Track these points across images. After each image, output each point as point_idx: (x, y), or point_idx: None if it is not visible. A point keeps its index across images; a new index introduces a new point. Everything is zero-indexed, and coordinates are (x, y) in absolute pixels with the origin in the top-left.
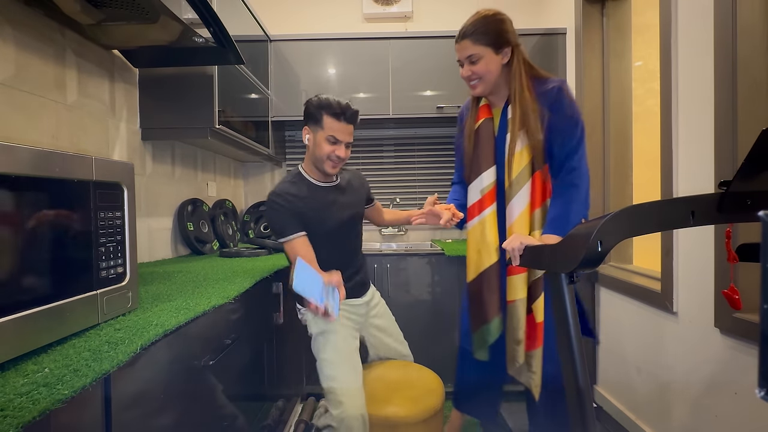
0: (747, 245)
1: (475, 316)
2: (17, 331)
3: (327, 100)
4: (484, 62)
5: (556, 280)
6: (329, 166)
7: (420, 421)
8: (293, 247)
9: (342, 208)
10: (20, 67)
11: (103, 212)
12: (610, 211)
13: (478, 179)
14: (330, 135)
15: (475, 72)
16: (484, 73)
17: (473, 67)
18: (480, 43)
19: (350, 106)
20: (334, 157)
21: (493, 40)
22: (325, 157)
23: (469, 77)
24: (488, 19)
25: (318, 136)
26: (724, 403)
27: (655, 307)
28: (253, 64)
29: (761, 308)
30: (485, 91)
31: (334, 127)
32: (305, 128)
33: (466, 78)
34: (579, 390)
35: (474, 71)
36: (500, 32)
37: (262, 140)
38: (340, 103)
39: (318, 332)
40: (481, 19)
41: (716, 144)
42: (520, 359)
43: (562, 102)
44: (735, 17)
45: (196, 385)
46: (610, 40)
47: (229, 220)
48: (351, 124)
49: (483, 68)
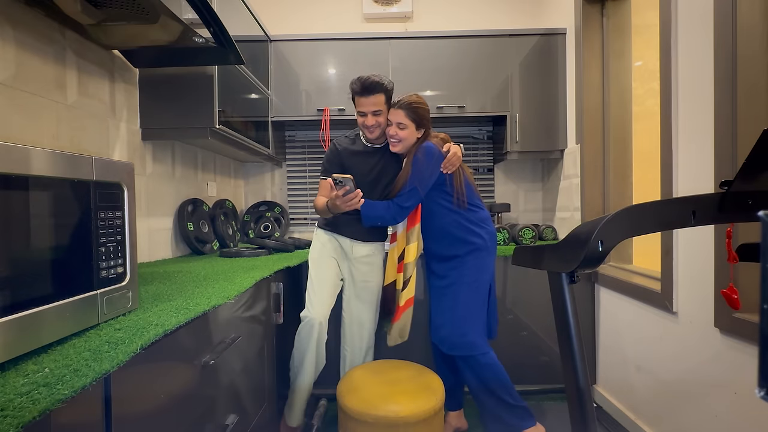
0: (747, 245)
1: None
2: (17, 331)
3: (352, 82)
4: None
5: (557, 280)
6: (368, 133)
7: (420, 421)
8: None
9: (373, 166)
10: (20, 67)
11: (103, 212)
12: (610, 211)
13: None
14: (359, 111)
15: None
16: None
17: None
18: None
19: (365, 81)
20: (364, 126)
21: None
22: (361, 128)
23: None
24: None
25: (357, 113)
26: (724, 403)
27: (655, 307)
28: (253, 64)
29: (761, 308)
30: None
31: (359, 103)
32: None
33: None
34: (579, 390)
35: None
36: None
37: (262, 140)
38: (358, 82)
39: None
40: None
41: (716, 144)
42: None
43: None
44: (735, 17)
45: (196, 385)
46: (610, 40)
47: (229, 220)
48: (371, 96)
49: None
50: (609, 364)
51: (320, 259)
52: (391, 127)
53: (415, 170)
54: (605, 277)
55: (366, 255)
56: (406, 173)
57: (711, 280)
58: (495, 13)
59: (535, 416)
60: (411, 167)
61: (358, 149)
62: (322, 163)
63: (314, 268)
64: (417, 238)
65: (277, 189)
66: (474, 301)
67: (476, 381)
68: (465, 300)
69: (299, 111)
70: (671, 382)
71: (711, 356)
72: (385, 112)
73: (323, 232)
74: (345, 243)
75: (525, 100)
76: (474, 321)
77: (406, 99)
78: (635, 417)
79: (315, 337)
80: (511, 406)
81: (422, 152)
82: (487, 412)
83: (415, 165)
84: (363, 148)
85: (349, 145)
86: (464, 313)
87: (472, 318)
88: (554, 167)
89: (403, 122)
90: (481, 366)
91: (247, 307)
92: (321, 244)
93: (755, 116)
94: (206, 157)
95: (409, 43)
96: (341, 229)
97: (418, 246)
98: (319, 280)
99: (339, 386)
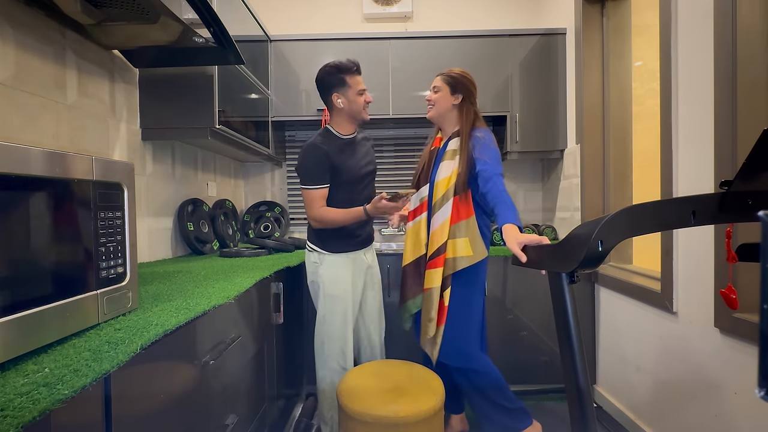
0: (747, 245)
1: (405, 292)
2: (17, 331)
3: (342, 63)
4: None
5: (557, 280)
6: (366, 113)
7: (420, 421)
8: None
9: (363, 154)
10: (20, 67)
11: (103, 212)
12: (610, 211)
13: (420, 191)
14: (359, 89)
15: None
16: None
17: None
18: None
19: (352, 61)
20: (366, 103)
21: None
22: (362, 107)
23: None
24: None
25: (349, 95)
26: (723, 403)
27: (655, 306)
28: (253, 64)
29: (761, 308)
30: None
31: (357, 81)
32: (335, 95)
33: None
34: (579, 390)
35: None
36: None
37: (262, 140)
38: (351, 61)
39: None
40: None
41: (716, 144)
42: (431, 333)
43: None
44: (735, 17)
45: (196, 385)
46: (610, 40)
47: (229, 220)
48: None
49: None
50: (609, 364)
51: (345, 297)
52: (429, 93)
53: (480, 145)
54: (605, 277)
55: (374, 255)
56: (467, 151)
57: (711, 280)
58: (495, 13)
59: (531, 414)
60: (472, 143)
61: (341, 144)
62: (308, 171)
63: (340, 308)
64: (467, 232)
65: (277, 189)
66: (469, 312)
67: (472, 389)
68: (460, 310)
69: (299, 111)
70: (671, 382)
71: (711, 356)
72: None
73: (337, 256)
74: (367, 255)
75: (525, 100)
76: (468, 331)
77: (447, 70)
78: (635, 417)
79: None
80: (508, 409)
81: (480, 132)
82: (484, 417)
83: (477, 141)
84: (344, 141)
85: (328, 144)
86: (458, 323)
87: (466, 328)
88: (554, 167)
89: (438, 85)
90: (476, 374)
91: (247, 307)
92: (339, 274)
93: (755, 116)
94: (206, 157)
95: (409, 43)
96: (361, 241)
97: (468, 244)
98: (347, 325)
99: (339, 386)
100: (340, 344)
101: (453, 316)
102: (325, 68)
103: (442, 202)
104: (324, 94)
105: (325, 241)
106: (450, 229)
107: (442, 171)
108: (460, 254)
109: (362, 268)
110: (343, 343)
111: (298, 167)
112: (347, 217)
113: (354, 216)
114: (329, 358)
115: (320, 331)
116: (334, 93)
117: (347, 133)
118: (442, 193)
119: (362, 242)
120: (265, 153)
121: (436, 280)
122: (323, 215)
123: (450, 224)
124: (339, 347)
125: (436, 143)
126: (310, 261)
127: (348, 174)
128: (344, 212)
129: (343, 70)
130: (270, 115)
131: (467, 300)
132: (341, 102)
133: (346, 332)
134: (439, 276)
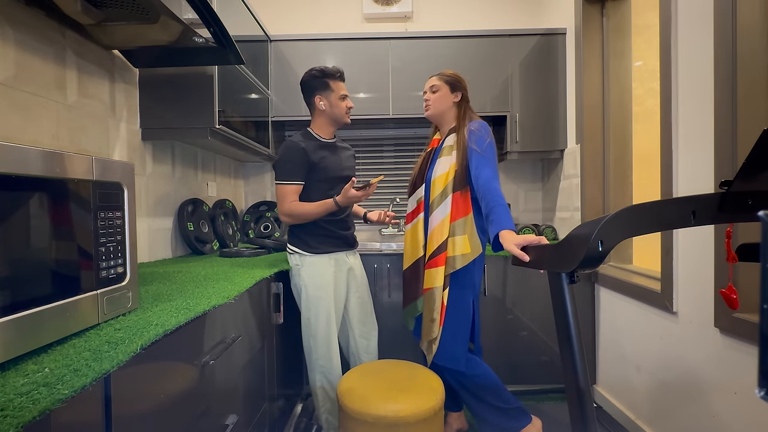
0: (747, 245)
1: (408, 295)
2: (17, 331)
3: (327, 69)
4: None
5: (557, 280)
6: (347, 117)
7: (420, 421)
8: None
9: (343, 158)
10: (20, 67)
11: (103, 212)
12: (610, 211)
13: (416, 192)
14: (341, 94)
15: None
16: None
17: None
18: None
19: (336, 68)
20: (348, 108)
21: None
22: (344, 112)
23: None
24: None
25: (332, 98)
26: (723, 403)
27: (655, 307)
28: (253, 64)
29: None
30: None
31: (340, 86)
32: (317, 97)
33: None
34: (579, 390)
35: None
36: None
37: (262, 140)
38: (336, 68)
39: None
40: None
41: (716, 144)
42: (434, 334)
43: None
44: (735, 17)
45: (196, 385)
46: (610, 40)
47: (229, 220)
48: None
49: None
50: (609, 364)
51: (327, 298)
52: (425, 93)
53: (476, 137)
54: (605, 277)
55: (358, 260)
56: (463, 143)
57: (711, 280)
58: (495, 13)
59: (529, 412)
60: (468, 135)
61: (320, 145)
62: (284, 167)
63: (323, 310)
64: (465, 230)
65: None
66: (459, 314)
67: (466, 392)
68: (452, 312)
69: (299, 111)
70: (671, 382)
71: (711, 356)
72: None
73: (319, 257)
74: (349, 257)
75: (525, 100)
76: (458, 333)
77: (441, 71)
78: (635, 417)
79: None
80: (504, 410)
81: (475, 125)
82: (481, 418)
83: (472, 134)
84: (323, 143)
85: (306, 143)
86: (450, 325)
87: (457, 330)
88: (554, 167)
89: (436, 84)
90: (464, 377)
91: (247, 307)
92: (321, 275)
93: (755, 116)
94: (206, 157)
95: (409, 43)
96: (342, 242)
97: (467, 241)
98: (331, 326)
99: (339, 386)
100: (326, 345)
101: (447, 318)
102: (310, 72)
103: (441, 199)
104: (307, 96)
105: (305, 242)
106: (450, 226)
107: (439, 167)
108: (459, 252)
109: (344, 270)
110: (328, 344)
111: (275, 163)
112: (318, 210)
113: (325, 208)
114: (317, 361)
115: (306, 333)
116: (317, 95)
117: (327, 137)
118: (440, 190)
119: (343, 243)
120: (265, 153)
121: (438, 279)
122: (293, 209)
123: (450, 221)
124: (325, 349)
125: (433, 145)
126: (292, 264)
127: (325, 173)
128: (314, 205)
129: (328, 75)
130: (270, 115)
131: (459, 301)
132: (323, 104)
133: (331, 333)
134: (441, 275)
